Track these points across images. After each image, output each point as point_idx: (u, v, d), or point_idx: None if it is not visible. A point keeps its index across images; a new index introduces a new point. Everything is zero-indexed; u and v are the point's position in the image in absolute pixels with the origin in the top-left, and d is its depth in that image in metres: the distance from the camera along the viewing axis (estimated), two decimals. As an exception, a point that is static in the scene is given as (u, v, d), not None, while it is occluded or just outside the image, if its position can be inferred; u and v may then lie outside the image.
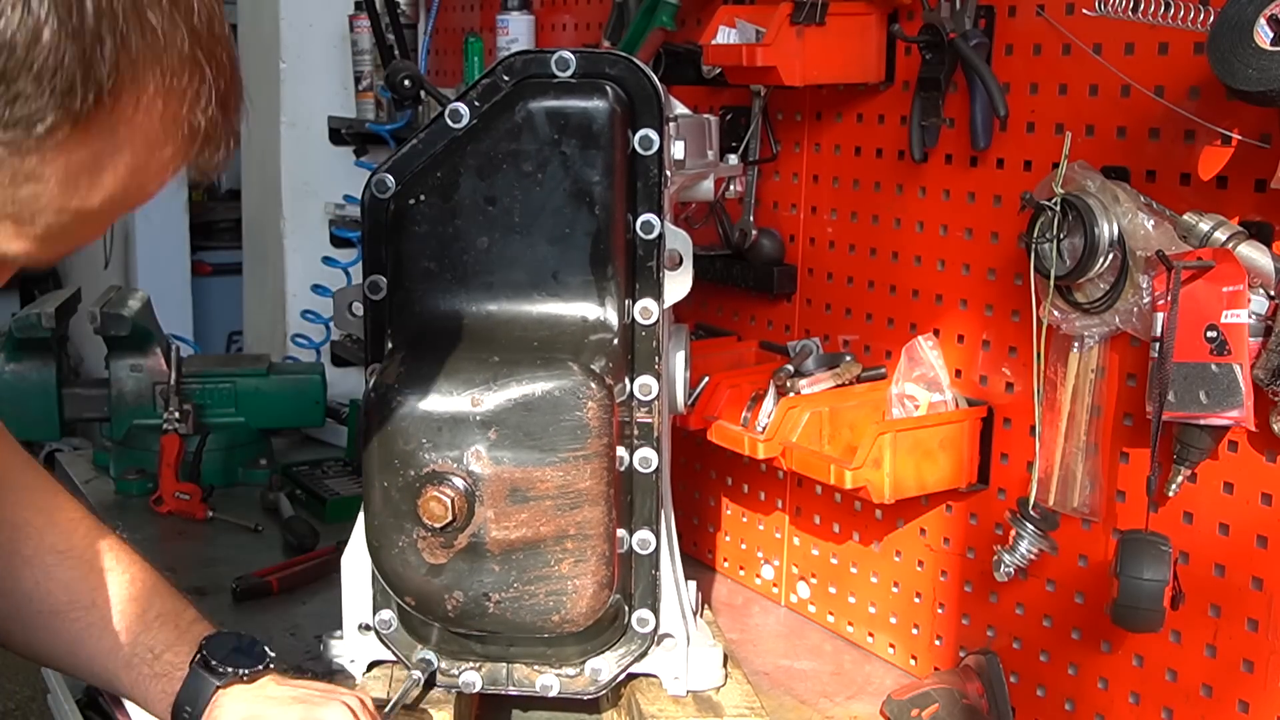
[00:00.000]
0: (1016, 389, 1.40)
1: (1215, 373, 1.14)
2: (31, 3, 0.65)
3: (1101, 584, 1.26)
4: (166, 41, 0.70)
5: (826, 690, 1.51)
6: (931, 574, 1.52)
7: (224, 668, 1.15)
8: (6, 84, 0.65)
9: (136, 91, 0.70)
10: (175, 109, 0.72)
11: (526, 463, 1.20)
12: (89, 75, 0.67)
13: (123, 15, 0.68)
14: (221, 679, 1.15)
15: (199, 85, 0.73)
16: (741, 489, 1.79)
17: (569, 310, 1.26)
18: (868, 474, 1.38)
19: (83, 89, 0.67)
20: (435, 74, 2.44)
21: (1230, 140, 1.11)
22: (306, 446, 2.41)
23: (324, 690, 1.22)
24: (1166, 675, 1.26)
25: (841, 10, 1.48)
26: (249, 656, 1.18)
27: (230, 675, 1.15)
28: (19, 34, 0.65)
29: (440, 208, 1.26)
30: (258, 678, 1.17)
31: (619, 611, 1.32)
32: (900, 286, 1.53)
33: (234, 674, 1.16)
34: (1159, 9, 1.14)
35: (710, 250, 1.73)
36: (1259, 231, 1.14)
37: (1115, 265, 1.22)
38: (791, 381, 1.53)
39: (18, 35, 0.65)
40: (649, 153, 1.24)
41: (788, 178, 1.68)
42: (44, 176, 0.70)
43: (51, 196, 0.71)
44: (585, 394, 1.20)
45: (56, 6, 0.65)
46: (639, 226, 1.25)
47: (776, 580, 1.75)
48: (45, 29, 0.65)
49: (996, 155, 1.38)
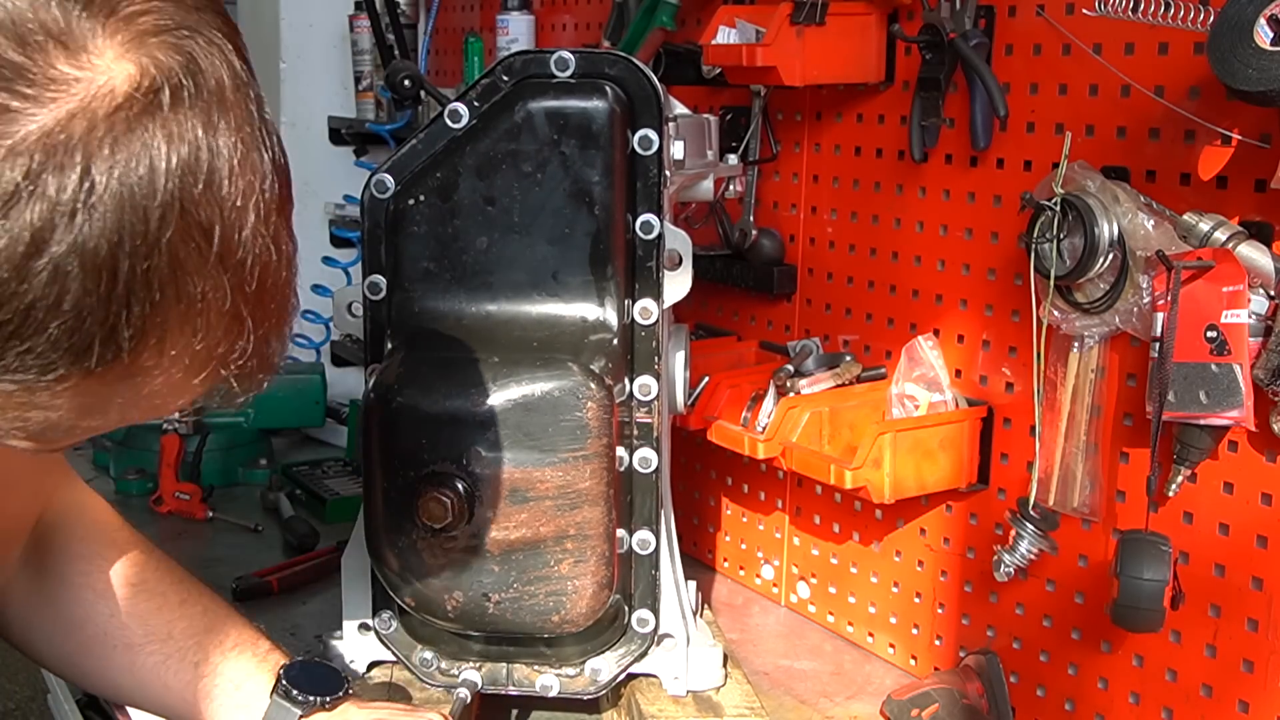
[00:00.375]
0: (1016, 389, 1.39)
1: (1215, 373, 1.14)
2: (61, 266, 0.61)
3: (1101, 584, 1.26)
4: (205, 304, 0.66)
5: (826, 690, 1.51)
6: (931, 574, 1.52)
7: (305, 696, 1.14)
8: (20, 340, 0.63)
9: (161, 348, 0.66)
10: (205, 359, 0.69)
11: (526, 463, 1.20)
12: (109, 339, 0.64)
13: (157, 283, 0.64)
14: (304, 708, 1.14)
15: (235, 340, 0.69)
16: (741, 489, 1.79)
17: (568, 310, 1.26)
18: (868, 474, 1.38)
19: (100, 349, 0.64)
20: (435, 74, 2.44)
21: (1230, 140, 1.11)
22: (306, 446, 2.41)
23: (408, 710, 1.22)
24: (1166, 675, 1.26)
25: (841, 10, 1.47)
26: (329, 684, 1.17)
27: (313, 704, 1.14)
28: (41, 299, 0.61)
29: (440, 208, 1.26)
30: (338, 704, 1.16)
31: (619, 612, 1.32)
32: (900, 286, 1.53)
33: (316, 703, 1.14)
34: (1159, 9, 1.14)
35: (710, 250, 1.73)
36: (1259, 231, 1.14)
37: (1115, 265, 1.22)
38: (791, 381, 1.53)
39: (39, 301, 0.61)
40: (648, 153, 1.24)
41: (788, 178, 1.68)
42: (55, 407, 0.67)
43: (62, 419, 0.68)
44: (585, 394, 1.20)
45: (86, 273, 0.62)
46: (638, 226, 1.25)
47: (776, 580, 1.75)
48: (68, 297, 0.62)
49: (996, 155, 1.38)
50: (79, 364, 0.64)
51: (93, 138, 0.61)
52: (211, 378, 0.70)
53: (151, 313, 0.64)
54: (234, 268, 0.67)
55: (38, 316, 0.62)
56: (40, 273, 0.61)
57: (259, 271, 0.68)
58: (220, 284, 0.66)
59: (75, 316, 0.62)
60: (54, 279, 0.61)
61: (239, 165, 0.66)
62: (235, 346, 0.69)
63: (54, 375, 0.64)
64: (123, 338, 0.64)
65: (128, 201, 0.62)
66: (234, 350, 0.70)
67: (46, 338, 0.62)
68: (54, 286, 0.61)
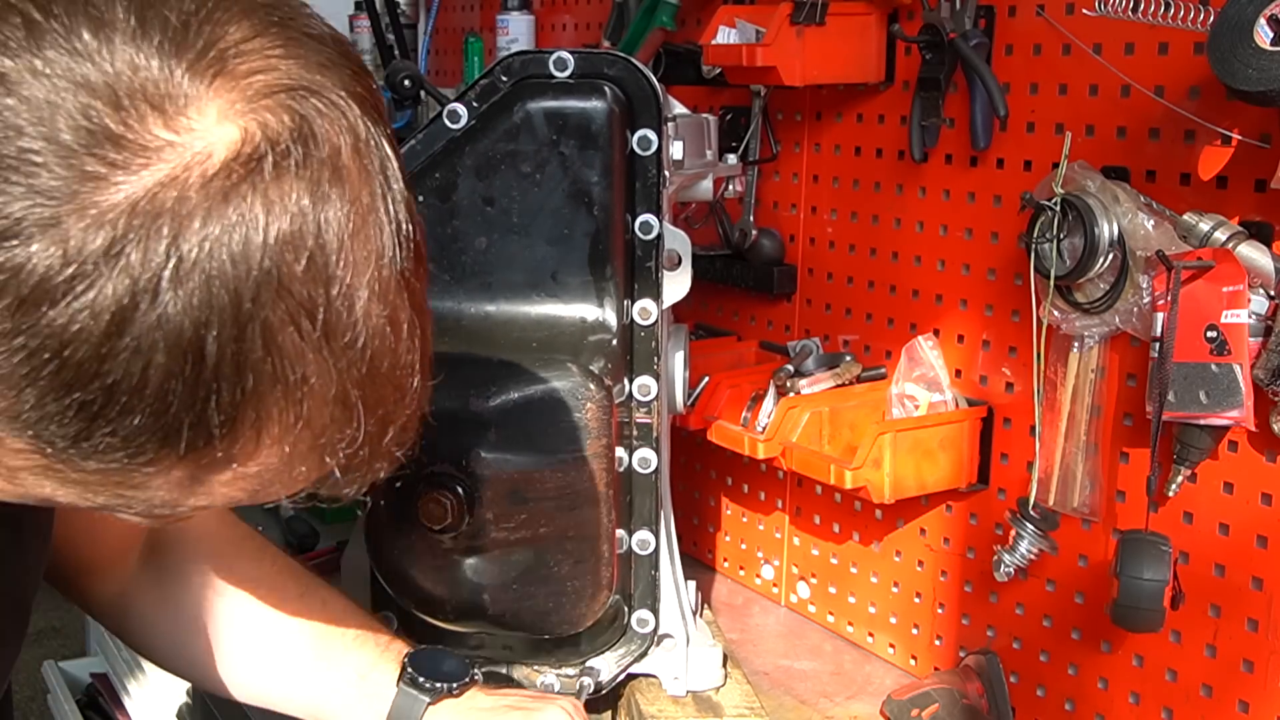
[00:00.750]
0: (1016, 389, 1.39)
1: (1215, 373, 1.14)
2: (144, 345, 0.57)
3: (1101, 584, 1.26)
4: (308, 390, 0.61)
5: (826, 690, 1.51)
6: (931, 574, 1.52)
7: (432, 684, 1.12)
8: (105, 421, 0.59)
9: (257, 435, 0.62)
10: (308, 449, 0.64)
11: (526, 464, 1.20)
12: (198, 424, 0.60)
13: (250, 366, 0.59)
14: (432, 694, 1.12)
15: (344, 428, 0.64)
16: (741, 489, 1.79)
17: (568, 311, 1.26)
18: (868, 474, 1.38)
19: (189, 434, 0.60)
20: (435, 74, 2.44)
21: (1230, 140, 1.11)
22: (307, 446, 2.41)
23: (535, 696, 1.20)
24: (1166, 675, 1.26)
25: (841, 10, 1.47)
26: (455, 671, 1.15)
27: (440, 690, 1.12)
28: (124, 380, 0.58)
29: (439, 208, 1.26)
30: (465, 690, 1.14)
31: (618, 612, 1.32)
32: (900, 286, 1.53)
33: (443, 689, 1.13)
34: (1159, 9, 1.13)
35: (710, 250, 1.73)
36: (1259, 231, 1.13)
37: (1115, 265, 1.22)
38: (791, 381, 1.53)
39: (122, 382, 0.58)
40: (648, 153, 1.24)
41: (788, 178, 1.68)
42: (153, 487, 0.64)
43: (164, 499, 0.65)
44: (584, 395, 1.20)
45: (170, 355, 0.57)
46: (638, 227, 1.25)
47: (776, 580, 1.75)
48: (152, 378, 0.58)
49: (996, 155, 1.38)
50: (168, 449, 0.60)
51: (183, 208, 0.57)
52: (317, 468, 0.66)
53: (245, 399, 0.60)
54: (341, 351, 0.62)
55: (121, 399, 0.58)
56: (122, 352, 0.57)
57: (371, 355, 0.63)
58: (325, 368, 0.61)
59: (160, 399, 0.58)
60: (136, 358, 0.57)
61: (350, 239, 0.61)
62: (344, 434, 0.64)
63: (144, 459, 0.61)
64: (213, 424, 0.60)
65: (217, 278, 0.57)
66: (342, 438, 0.64)
67: (131, 420, 0.59)
68: (137, 367, 0.57)
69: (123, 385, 0.58)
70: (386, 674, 1.14)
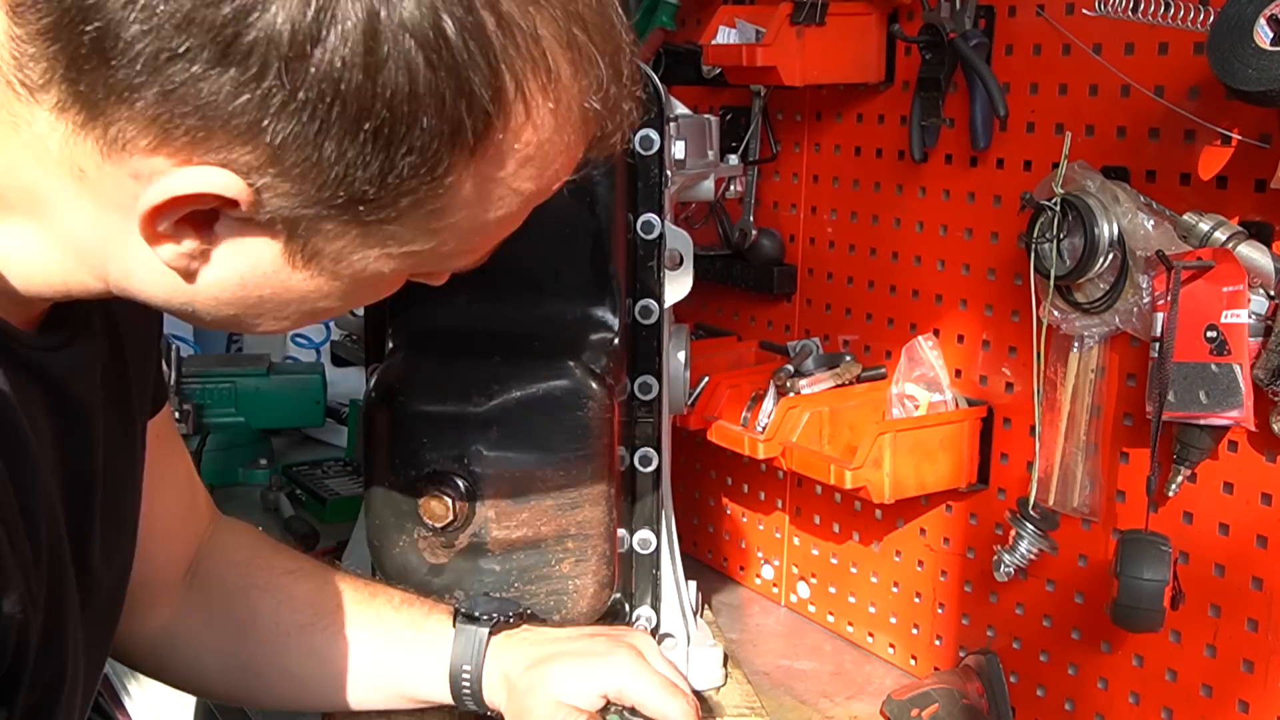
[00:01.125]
0: (1016, 389, 1.40)
1: (1215, 373, 1.14)
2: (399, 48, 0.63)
3: (1101, 584, 1.26)
4: (544, 42, 0.68)
5: (826, 690, 1.51)
6: (931, 574, 1.52)
7: (487, 615, 1.14)
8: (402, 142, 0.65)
9: (523, 99, 0.68)
10: (568, 102, 0.71)
11: (527, 462, 1.20)
12: (473, 106, 0.66)
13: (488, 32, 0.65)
14: (489, 624, 1.14)
15: (588, 72, 0.71)
16: (741, 489, 1.79)
17: (570, 310, 1.26)
18: (868, 474, 1.38)
19: (470, 119, 0.66)
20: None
21: (1230, 140, 1.12)
22: (306, 446, 2.41)
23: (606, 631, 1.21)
24: (1166, 675, 1.26)
25: (841, 10, 1.48)
26: (506, 606, 1.17)
27: (495, 620, 1.14)
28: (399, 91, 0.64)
29: (441, 208, 1.26)
30: (521, 623, 1.17)
31: (619, 611, 1.32)
32: (900, 286, 1.53)
33: (499, 619, 1.15)
34: (1159, 9, 1.14)
35: (710, 250, 1.74)
36: (1259, 231, 1.14)
37: (1115, 265, 1.22)
38: (791, 381, 1.53)
39: (398, 92, 0.64)
40: (649, 153, 1.24)
41: (788, 178, 1.68)
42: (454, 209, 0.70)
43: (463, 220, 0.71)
44: (586, 394, 1.20)
45: (424, 46, 0.63)
46: (639, 226, 1.25)
47: (776, 580, 1.75)
48: (420, 78, 0.64)
49: (996, 155, 1.38)
50: (458, 143, 0.66)
51: None
52: (581, 128, 0.72)
53: (497, 65, 0.66)
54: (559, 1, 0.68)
55: (403, 108, 0.64)
56: (386, 63, 0.63)
57: None
58: (547, 16, 0.68)
59: (434, 94, 0.64)
60: (398, 64, 0.63)
61: None
62: (590, 78, 0.71)
63: (442, 168, 0.67)
64: (484, 101, 0.66)
65: None
66: (589, 83, 0.71)
67: (420, 126, 0.65)
68: (402, 71, 0.63)
69: (399, 95, 0.64)
70: (440, 621, 1.17)
